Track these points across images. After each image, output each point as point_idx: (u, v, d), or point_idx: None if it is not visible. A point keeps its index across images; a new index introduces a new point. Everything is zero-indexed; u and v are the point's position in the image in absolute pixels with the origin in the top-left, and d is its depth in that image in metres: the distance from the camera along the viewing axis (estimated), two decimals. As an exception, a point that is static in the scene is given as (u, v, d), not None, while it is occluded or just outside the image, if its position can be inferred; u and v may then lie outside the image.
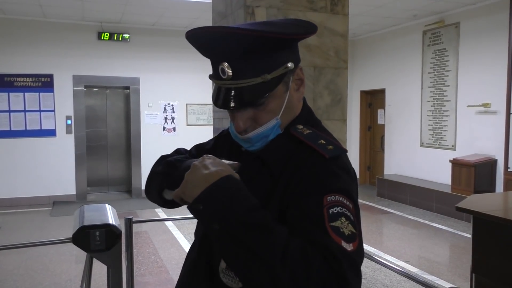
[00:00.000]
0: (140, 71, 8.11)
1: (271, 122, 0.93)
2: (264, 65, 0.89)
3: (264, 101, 0.91)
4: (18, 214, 6.88)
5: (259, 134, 0.93)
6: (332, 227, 0.78)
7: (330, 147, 0.90)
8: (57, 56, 7.63)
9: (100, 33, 7.81)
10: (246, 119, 0.93)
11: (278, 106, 0.93)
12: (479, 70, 6.66)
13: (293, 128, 0.95)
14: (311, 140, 0.91)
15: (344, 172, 0.89)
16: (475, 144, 6.78)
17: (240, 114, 0.93)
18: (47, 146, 7.67)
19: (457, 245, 5.39)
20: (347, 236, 0.79)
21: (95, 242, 2.43)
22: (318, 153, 0.88)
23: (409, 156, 8.13)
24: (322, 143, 0.91)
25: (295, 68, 0.95)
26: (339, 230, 0.79)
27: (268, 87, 0.89)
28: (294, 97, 0.97)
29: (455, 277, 4.30)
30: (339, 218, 0.80)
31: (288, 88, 0.95)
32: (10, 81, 7.45)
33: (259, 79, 0.88)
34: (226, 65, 0.88)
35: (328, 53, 2.63)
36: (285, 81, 0.93)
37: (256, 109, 0.92)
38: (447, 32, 7.22)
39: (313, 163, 0.87)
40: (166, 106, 8.40)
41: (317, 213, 0.80)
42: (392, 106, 8.60)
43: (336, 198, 0.83)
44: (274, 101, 0.92)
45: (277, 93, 0.92)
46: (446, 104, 7.27)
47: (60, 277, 4.24)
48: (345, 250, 0.76)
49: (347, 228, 0.80)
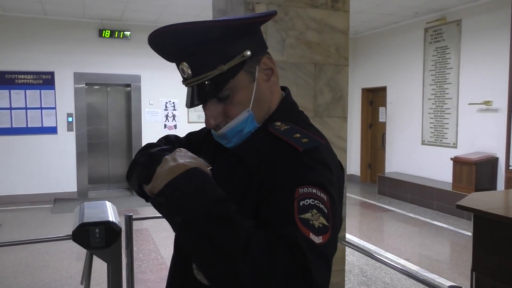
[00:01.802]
0: (141, 68, 8.10)
1: (243, 115, 0.92)
2: (219, 56, 0.89)
3: (229, 94, 0.91)
4: (19, 211, 6.89)
5: (232, 129, 0.93)
6: (301, 219, 0.77)
7: (304, 140, 0.89)
8: (58, 54, 7.63)
9: (101, 30, 7.81)
10: (217, 115, 0.92)
11: (246, 98, 0.92)
12: (481, 68, 6.64)
13: (270, 125, 0.94)
14: (286, 135, 0.90)
15: (320, 164, 0.87)
16: (477, 142, 6.76)
17: (209, 110, 0.93)
18: (48, 144, 7.68)
19: (458, 243, 5.39)
20: (317, 228, 0.77)
21: (95, 239, 2.43)
22: (292, 146, 0.87)
23: (410, 154, 8.12)
24: (296, 137, 0.89)
25: (260, 57, 0.94)
26: (309, 222, 0.78)
27: (227, 77, 0.89)
28: (264, 87, 0.95)
29: (456, 275, 4.30)
30: (310, 210, 0.79)
31: (255, 78, 0.93)
32: (11, 78, 7.45)
33: (217, 71, 0.88)
34: (185, 65, 0.91)
35: (329, 50, 2.62)
36: (248, 71, 0.92)
37: (224, 104, 0.92)
38: (448, 30, 7.20)
39: (287, 157, 0.86)
40: (167, 103, 8.39)
41: (287, 205, 0.79)
42: (393, 104, 8.59)
43: (308, 190, 0.81)
44: (240, 92, 0.91)
45: (242, 84, 0.91)
46: (448, 102, 7.25)
47: (60, 274, 4.25)
48: (312, 242, 0.75)
49: (318, 220, 0.79)
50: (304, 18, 2.53)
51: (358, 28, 8.82)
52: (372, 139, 9.56)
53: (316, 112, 2.61)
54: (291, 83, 2.50)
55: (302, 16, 2.52)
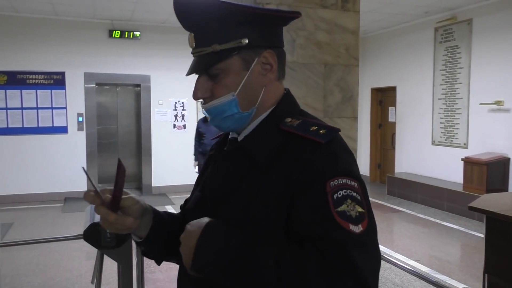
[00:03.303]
0: (150, 68, 8.14)
1: (226, 97, 0.93)
2: (217, 36, 0.92)
3: (219, 74, 0.93)
4: (30, 210, 6.96)
5: (214, 107, 0.94)
6: (338, 212, 0.79)
7: (322, 131, 0.89)
8: (69, 54, 7.69)
9: (111, 31, 7.86)
10: (205, 90, 0.94)
11: (234, 83, 0.93)
12: (492, 67, 6.56)
13: (281, 123, 0.93)
14: (303, 130, 0.90)
15: (342, 150, 0.89)
16: (488, 142, 6.69)
17: (198, 83, 0.95)
18: (59, 143, 7.75)
19: (468, 245, 5.34)
20: (354, 218, 0.80)
21: (106, 239, 2.44)
22: (313, 141, 0.87)
23: (420, 154, 8.06)
24: (313, 129, 0.89)
25: (262, 50, 0.94)
26: (346, 214, 0.80)
27: (218, 58, 0.91)
28: (257, 79, 0.95)
29: (467, 277, 4.26)
30: (345, 201, 0.81)
31: (250, 68, 0.93)
32: (22, 78, 7.53)
33: (210, 49, 0.92)
34: (191, 35, 0.95)
35: (339, 50, 2.61)
36: (243, 59, 0.93)
37: (213, 82, 0.94)
38: (459, 29, 7.13)
39: (309, 152, 0.86)
40: (177, 103, 8.42)
41: (322, 201, 0.81)
42: (403, 104, 8.53)
43: (339, 181, 0.83)
44: (229, 76, 0.93)
45: (233, 68, 0.93)
46: (458, 102, 7.18)
47: (71, 272, 4.29)
48: (352, 233, 0.78)
49: (354, 209, 0.81)
50: (314, 18, 2.52)
51: (368, 28, 8.77)
52: (382, 139, 9.50)
53: (326, 113, 2.60)
54: (301, 84, 2.50)
55: (312, 16, 2.51)
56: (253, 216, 0.86)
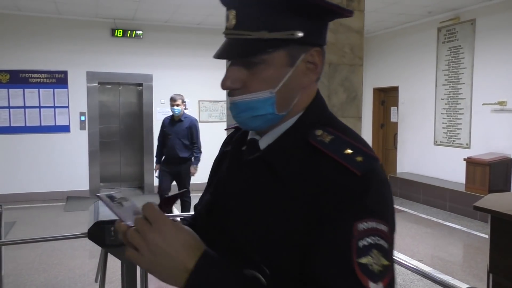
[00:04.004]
0: (153, 67, 8.15)
1: (263, 93, 0.80)
2: (269, 21, 0.78)
3: (259, 65, 0.79)
4: (32, 209, 6.97)
5: (245, 102, 0.81)
6: (359, 264, 0.68)
7: (359, 158, 0.76)
8: (71, 53, 7.70)
9: (113, 30, 7.87)
10: (236, 79, 0.81)
11: (274, 78, 0.80)
12: (495, 68, 6.55)
13: (311, 135, 0.80)
14: (336, 151, 0.77)
15: (380, 186, 0.77)
16: (490, 142, 6.68)
17: (231, 71, 0.82)
18: (61, 142, 7.76)
19: (471, 245, 5.33)
20: (376, 274, 0.69)
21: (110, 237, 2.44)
22: (347, 169, 0.74)
23: (422, 154, 8.05)
24: (348, 153, 0.76)
25: (310, 47, 0.82)
26: (368, 268, 0.69)
27: (264, 47, 0.78)
28: (299, 79, 0.82)
29: (470, 277, 4.25)
30: (370, 252, 0.70)
31: (294, 64, 0.81)
32: (25, 77, 7.54)
33: (257, 35, 0.78)
34: (233, 13, 0.81)
35: (344, 50, 2.61)
36: (290, 54, 0.80)
37: (249, 72, 0.80)
38: (462, 29, 7.12)
39: (343, 181, 0.74)
40: (179, 102, 8.42)
41: (345, 245, 0.70)
42: (405, 104, 8.52)
43: (368, 225, 0.71)
44: (270, 69, 0.80)
45: (276, 62, 0.80)
46: (461, 102, 7.17)
47: (74, 271, 4.29)
48: None
49: (378, 262, 0.70)
50: (319, 17, 2.52)
51: (371, 28, 8.77)
52: (384, 139, 9.49)
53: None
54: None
55: (317, 15, 2.51)
56: (271, 233, 0.76)
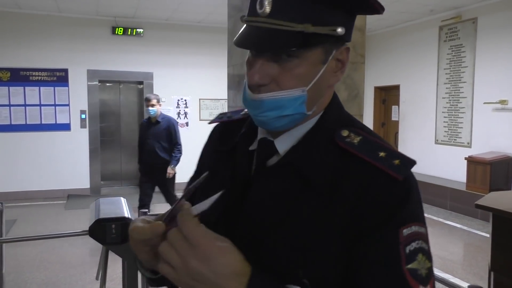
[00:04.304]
0: (153, 66, 8.14)
1: (295, 91, 0.72)
2: (313, 14, 0.70)
3: (294, 60, 0.71)
4: (33, 207, 6.97)
5: (275, 100, 0.72)
6: (409, 270, 0.67)
7: (396, 162, 0.71)
8: (72, 51, 7.69)
9: (114, 28, 7.86)
10: (266, 75, 0.72)
11: (308, 76, 0.73)
12: (497, 67, 6.54)
13: (337, 136, 0.75)
14: (370, 155, 0.72)
15: (417, 189, 0.73)
16: (491, 141, 6.67)
17: (260, 65, 0.72)
18: (62, 140, 7.76)
19: (472, 244, 5.33)
20: (424, 277, 0.68)
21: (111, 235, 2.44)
22: (387, 174, 0.70)
23: (423, 153, 8.04)
24: (383, 156, 0.72)
25: (342, 44, 0.76)
26: (417, 272, 0.68)
27: (304, 41, 0.70)
28: (328, 77, 0.76)
29: (470, 275, 4.25)
30: (416, 256, 0.69)
31: (327, 62, 0.74)
32: (25, 75, 7.54)
33: (300, 27, 0.69)
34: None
35: (345, 48, 2.60)
36: (326, 49, 0.73)
37: (281, 67, 0.72)
38: (464, 28, 7.10)
39: (384, 187, 0.70)
40: (179, 101, 8.42)
41: (394, 253, 0.67)
42: (407, 103, 8.51)
43: (412, 230, 0.70)
44: (305, 66, 0.72)
45: (312, 58, 0.72)
46: (462, 101, 7.17)
47: (75, 269, 4.29)
48: None
49: (424, 266, 0.69)
50: (321, 15, 2.51)
51: (372, 26, 8.75)
52: (385, 138, 9.35)
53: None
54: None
55: (319, 13, 2.50)
56: (310, 247, 0.70)
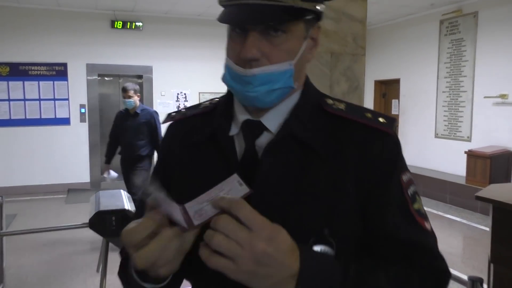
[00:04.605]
0: (153, 59, 8.12)
1: (284, 65, 0.75)
2: None
3: (283, 35, 0.74)
4: (33, 202, 6.98)
5: (266, 74, 0.74)
6: (416, 210, 0.76)
7: (381, 119, 0.79)
8: (71, 45, 7.66)
9: (113, 21, 7.82)
10: (258, 49, 0.73)
11: (294, 50, 0.76)
12: (497, 61, 6.52)
13: (325, 105, 0.81)
14: (359, 116, 0.79)
15: (397, 138, 0.81)
16: (491, 135, 6.67)
17: (253, 39, 0.73)
18: (61, 135, 7.75)
19: (471, 237, 5.34)
20: (425, 215, 0.78)
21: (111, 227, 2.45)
22: (379, 130, 0.78)
23: (423, 147, 8.04)
24: (370, 117, 0.79)
25: (316, 20, 0.79)
26: (421, 212, 0.77)
27: (293, 15, 0.73)
28: (305, 55, 0.79)
29: (469, 268, 4.26)
30: (416, 197, 0.78)
31: (307, 37, 0.78)
32: (24, 70, 7.51)
33: (290, 1, 0.72)
34: None
35: (346, 39, 2.59)
36: (307, 25, 0.77)
37: (270, 42, 0.73)
38: (465, 22, 7.08)
39: (379, 142, 0.77)
40: (179, 94, 8.41)
41: (401, 198, 0.76)
42: (407, 96, 8.50)
43: (407, 176, 0.78)
44: (292, 40, 0.75)
45: (297, 33, 0.75)
46: (462, 95, 7.15)
47: (76, 262, 4.30)
48: (430, 232, 0.78)
49: (422, 205, 0.79)
50: (321, 6, 2.50)
51: (372, 20, 8.72)
52: (384, 132, 9.48)
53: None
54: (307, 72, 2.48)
55: (319, 4, 2.49)
56: (330, 210, 0.74)
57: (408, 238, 0.74)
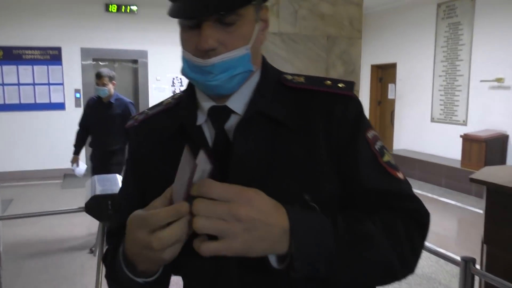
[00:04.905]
0: (148, 44, 8.04)
1: (241, 50, 0.76)
2: None
3: (236, 21, 0.75)
4: (29, 187, 6.98)
5: (225, 61, 0.75)
6: (385, 162, 0.80)
7: (341, 85, 0.83)
8: (65, 29, 7.57)
9: (107, 5, 7.72)
10: (216, 38, 0.74)
11: (248, 35, 0.77)
12: (494, 45, 6.51)
13: (284, 80, 0.85)
14: (319, 85, 0.83)
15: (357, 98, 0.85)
16: (487, 119, 6.69)
17: (209, 29, 0.73)
18: (56, 120, 7.71)
19: (465, 220, 5.40)
20: (395, 166, 0.81)
21: (107, 211, 2.46)
22: (340, 95, 0.82)
23: (419, 131, 8.07)
24: (330, 84, 0.83)
25: (262, 2, 0.82)
26: (391, 163, 0.81)
27: (243, 0, 0.74)
28: (259, 36, 0.82)
29: (463, 250, 4.32)
30: (384, 151, 0.81)
31: (258, 20, 0.80)
32: (18, 54, 7.44)
33: None
34: None
35: (342, 23, 2.56)
36: (256, 8, 0.79)
37: (225, 29, 0.74)
38: (462, 5, 7.03)
39: (342, 106, 0.81)
40: (174, 79, 8.36)
41: (370, 154, 0.80)
42: (403, 81, 8.48)
43: (372, 133, 0.82)
44: (245, 25, 0.77)
45: (249, 18, 0.77)
46: (459, 79, 7.15)
47: (72, 246, 4.32)
48: (404, 181, 0.81)
49: (391, 158, 0.82)
50: (317, -12, 2.47)
51: (369, 3, 8.64)
52: (381, 116, 9.49)
53: (328, 86, 2.57)
54: (303, 56, 2.46)
55: (316, -14, 2.46)
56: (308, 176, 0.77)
57: (383, 188, 0.78)
